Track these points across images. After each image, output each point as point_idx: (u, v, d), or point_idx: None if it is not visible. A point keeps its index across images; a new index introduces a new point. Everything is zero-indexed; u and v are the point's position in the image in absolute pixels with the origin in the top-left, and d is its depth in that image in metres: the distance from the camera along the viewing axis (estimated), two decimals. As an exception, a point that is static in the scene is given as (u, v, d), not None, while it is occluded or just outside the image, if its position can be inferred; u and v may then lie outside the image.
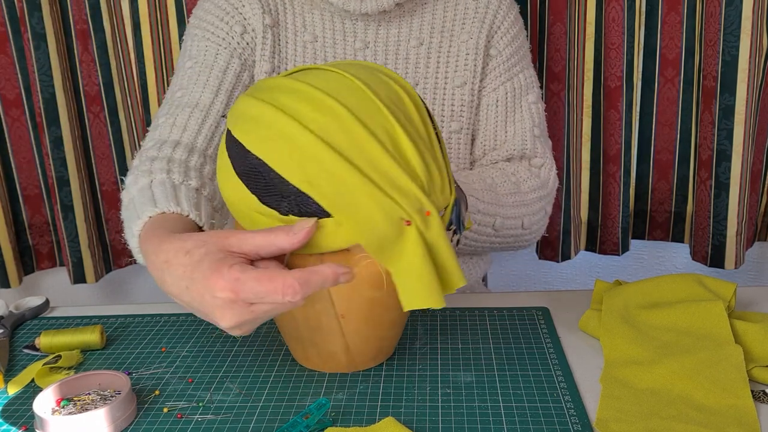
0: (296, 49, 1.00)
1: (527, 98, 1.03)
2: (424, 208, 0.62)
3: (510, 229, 0.95)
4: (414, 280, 0.61)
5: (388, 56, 1.00)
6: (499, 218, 0.92)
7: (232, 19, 0.99)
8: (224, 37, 0.99)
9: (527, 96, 1.03)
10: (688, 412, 0.63)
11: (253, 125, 0.63)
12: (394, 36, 1.01)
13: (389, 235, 0.61)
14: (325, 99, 0.62)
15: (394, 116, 0.63)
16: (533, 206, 0.97)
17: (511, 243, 0.97)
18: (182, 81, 0.97)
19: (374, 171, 0.61)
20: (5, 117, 1.47)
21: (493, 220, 0.91)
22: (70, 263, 1.51)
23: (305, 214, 0.61)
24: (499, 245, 0.97)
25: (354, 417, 0.66)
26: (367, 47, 1.00)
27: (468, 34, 1.01)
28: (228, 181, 0.66)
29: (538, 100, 1.05)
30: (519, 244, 0.99)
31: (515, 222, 0.95)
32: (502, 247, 0.97)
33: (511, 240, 0.97)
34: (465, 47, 1.01)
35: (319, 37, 1.00)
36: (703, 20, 1.34)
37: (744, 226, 1.40)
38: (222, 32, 0.99)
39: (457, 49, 1.01)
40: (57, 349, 0.80)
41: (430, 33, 1.01)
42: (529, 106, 1.03)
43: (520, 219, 0.95)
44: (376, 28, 1.00)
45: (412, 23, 1.01)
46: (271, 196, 0.62)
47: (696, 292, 0.79)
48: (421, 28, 1.01)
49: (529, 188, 0.97)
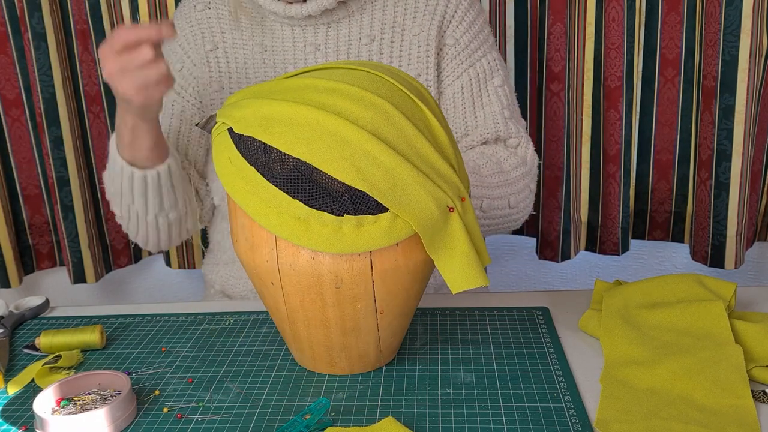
0: (246, 62, 1.02)
1: (493, 82, 1.02)
2: (461, 194, 0.65)
3: (497, 210, 0.95)
4: (461, 263, 0.64)
5: (339, 56, 1.00)
6: (486, 200, 0.92)
7: (173, 54, 1.05)
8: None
9: (492, 80, 1.02)
10: (688, 412, 0.63)
11: (288, 127, 0.62)
12: (344, 36, 1.01)
13: (440, 223, 0.64)
14: (369, 96, 0.62)
15: (428, 108, 0.65)
16: (517, 184, 0.97)
17: (500, 224, 0.98)
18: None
19: (422, 162, 0.63)
20: (5, 117, 1.47)
21: (480, 202, 0.92)
22: (70, 263, 1.51)
23: (361, 211, 0.61)
24: (488, 227, 0.97)
25: (354, 417, 0.66)
26: (318, 50, 1.00)
27: (419, 27, 1.01)
28: (253, 193, 0.63)
29: (505, 82, 1.04)
30: (507, 225, 0.99)
31: (502, 202, 0.95)
32: (491, 229, 0.97)
33: (499, 221, 0.97)
34: (417, 40, 1.00)
35: (268, 47, 1.01)
36: (703, 20, 1.34)
37: (744, 226, 1.40)
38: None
39: (409, 43, 1.01)
40: (57, 349, 0.80)
41: (381, 29, 1.01)
42: (495, 89, 1.02)
43: (506, 198, 0.95)
44: (326, 30, 1.00)
45: (362, 21, 1.01)
46: (320, 198, 0.61)
47: (696, 292, 0.79)
48: (371, 26, 1.01)
49: (511, 166, 0.97)
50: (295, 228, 0.62)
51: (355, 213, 0.61)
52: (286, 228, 0.62)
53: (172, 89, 0.94)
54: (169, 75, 0.79)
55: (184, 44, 1.04)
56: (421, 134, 0.63)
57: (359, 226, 0.62)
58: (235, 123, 0.65)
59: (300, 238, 0.62)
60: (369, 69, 0.66)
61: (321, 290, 0.65)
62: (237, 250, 0.70)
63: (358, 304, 0.66)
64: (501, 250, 1.69)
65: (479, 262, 0.65)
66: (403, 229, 0.63)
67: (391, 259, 0.65)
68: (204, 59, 1.03)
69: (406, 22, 1.01)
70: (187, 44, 1.04)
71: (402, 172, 0.61)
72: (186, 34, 1.04)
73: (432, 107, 0.67)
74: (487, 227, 0.97)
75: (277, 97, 0.64)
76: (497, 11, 1.44)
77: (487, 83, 1.02)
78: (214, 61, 1.02)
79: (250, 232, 0.67)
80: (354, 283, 0.65)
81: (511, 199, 0.96)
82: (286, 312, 0.69)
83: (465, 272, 0.64)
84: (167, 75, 0.79)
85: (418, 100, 0.65)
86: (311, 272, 0.64)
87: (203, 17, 1.03)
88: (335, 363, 0.72)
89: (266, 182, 0.62)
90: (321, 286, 0.65)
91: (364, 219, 0.62)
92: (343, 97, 0.62)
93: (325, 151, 0.61)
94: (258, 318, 0.87)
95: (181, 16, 1.07)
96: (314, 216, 0.62)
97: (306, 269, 0.64)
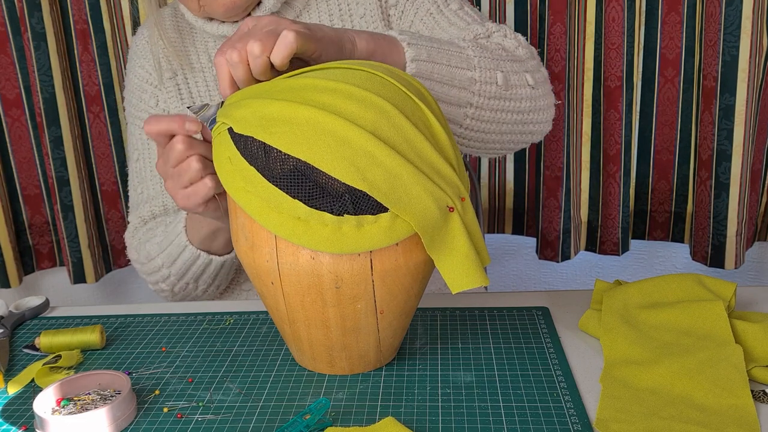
0: (207, 83, 1.03)
1: (450, 8, 0.98)
2: (461, 194, 0.65)
3: (519, 87, 0.86)
4: (461, 264, 0.64)
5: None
6: (500, 72, 0.85)
7: (144, 93, 1.05)
8: (145, 117, 1.05)
9: (448, 7, 0.98)
10: (688, 412, 0.63)
11: (288, 127, 0.61)
12: None
13: (440, 223, 0.63)
14: (369, 96, 0.62)
15: (428, 108, 0.65)
16: (528, 63, 0.89)
17: (525, 111, 0.88)
18: (140, 174, 1.06)
19: (423, 162, 0.63)
20: (5, 117, 1.47)
21: (495, 74, 0.84)
22: (70, 263, 1.51)
23: (361, 211, 0.61)
24: (511, 114, 0.87)
25: (354, 417, 0.66)
26: None
27: (363, 8, 1.01)
28: (253, 193, 0.63)
29: (462, 5, 0.99)
30: (537, 116, 0.89)
31: (519, 78, 0.87)
32: (515, 118, 0.87)
33: (525, 105, 0.87)
34: (364, 21, 1.00)
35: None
36: (703, 20, 1.34)
37: (744, 226, 1.40)
38: (145, 114, 1.05)
39: (359, 26, 1.01)
40: (57, 349, 0.80)
41: (330, 21, 1.01)
42: (455, 13, 0.98)
43: (523, 75, 0.87)
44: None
45: (311, 17, 1.01)
46: (320, 198, 0.61)
47: (696, 292, 0.79)
48: (320, 19, 1.01)
49: (513, 47, 0.90)
50: (295, 228, 0.62)
51: (355, 213, 0.61)
52: (286, 228, 0.62)
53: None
54: (205, 180, 0.76)
55: (149, 79, 1.05)
56: (421, 134, 0.63)
57: (359, 226, 0.62)
58: (235, 123, 0.65)
59: (300, 238, 0.62)
60: (369, 69, 0.66)
61: (321, 290, 0.65)
62: (237, 250, 0.70)
63: (358, 304, 0.66)
64: (501, 250, 1.69)
65: (479, 262, 0.65)
66: (403, 229, 0.63)
67: (391, 259, 0.65)
68: (171, 87, 1.04)
69: (350, 6, 1.01)
70: (152, 78, 1.05)
71: (402, 172, 0.61)
72: (147, 68, 1.05)
73: (432, 107, 0.67)
74: (511, 116, 0.87)
75: (277, 97, 0.63)
76: (497, 11, 1.44)
77: (445, 11, 0.98)
78: (175, 88, 1.04)
79: (250, 231, 0.67)
80: (354, 283, 0.65)
81: (528, 78, 0.87)
82: (286, 312, 0.69)
83: (465, 272, 0.64)
84: (200, 176, 0.76)
85: (418, 100, 0.65)
86: (311, 272, 0.64)
87: (155, 49, 1.03)
88: (335, 363, 0.72)
89: (266, 182, 0.62)
90: (321, 286, 0.65)
91: (364, 219, 0.62)
92: (343, 97, 0.62)
93: (325, 150, 0.60)
94: (258, 318, 0.87)
95: (135, 52, 1.08)
96: (314, 216, 0.61)
97: (306, 269, 0.64)
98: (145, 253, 1.00)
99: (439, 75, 0.80)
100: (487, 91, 0.84)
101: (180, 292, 1.00)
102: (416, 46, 0.79)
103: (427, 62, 0.79)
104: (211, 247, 0.94)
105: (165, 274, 0.98)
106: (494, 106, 0.85)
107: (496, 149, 0.91)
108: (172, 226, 0.96)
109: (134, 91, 1.07)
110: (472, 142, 0.87)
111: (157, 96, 1.05)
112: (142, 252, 1.00)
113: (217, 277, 0.99)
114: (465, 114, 0.83)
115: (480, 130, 0.86)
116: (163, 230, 0.99)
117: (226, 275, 1.00)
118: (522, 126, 0.89)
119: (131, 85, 1.07)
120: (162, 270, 0.98)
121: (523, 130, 0.90)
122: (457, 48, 0.83)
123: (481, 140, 0.88)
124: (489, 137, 0.88)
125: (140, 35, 1.08)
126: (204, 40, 1.04)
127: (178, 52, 1.03)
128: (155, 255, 0.98)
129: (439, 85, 0.80)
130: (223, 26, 1.00)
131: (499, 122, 0.87)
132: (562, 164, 1.43)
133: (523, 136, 0.91)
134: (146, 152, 1.05)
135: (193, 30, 1.05)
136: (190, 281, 0.98)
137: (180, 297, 1.02)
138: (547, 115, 0.92)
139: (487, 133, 0.87)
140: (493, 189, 1.58)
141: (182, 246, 0.93)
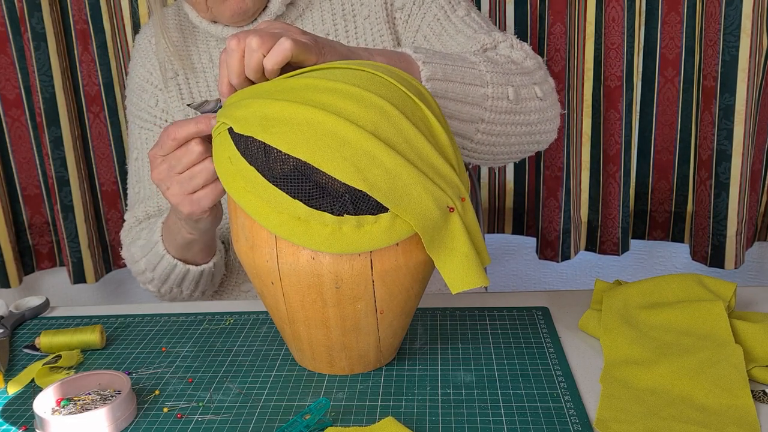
0: (207, 83, 1.04)
1: (456, 14, 0.98)
2: (462, 194, 0.65)
3: (528, 100, 0.86)
4: (461, 264, 0.64)
5: None
6: (511, 87, 0.84)
7: (144, 93, 1.06)
8: (147, 118, 1.05)
9: (455, 13, 0.98)
10: (688, 412, 0.63)
11: (288, 127, 0.61)
12: None
13: (440, 223, 0.63)
14: (370, 96, 0.62)
15: (428, 108, 0.65)
16: (536, 74, 0.89)
17: (534, 123, 0.88)
18: (137, 174, 1.07)
19: (423, 163, 0.63)
20: (5, 117, 1.47)
21: (506, 89, 0.84)
22: (70, 263, 1.51)
23: (361, 211, 0.61)
24: (521, 127, 0.87)
25: (354, 417, 0.66)
26: None
27: (368, 9, 1.01)
28: (253, 193, 0.63)
29: (469, 11, 0.99)
30: (544, 126, 0.90)
31: (529, 91, 0.87)
32: (524, 130, 0.87)
33: (533, 117, 0.87)
34: (368, 22, 1.00)
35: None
36: (703, 20, 1.34)
37: (744, 226, 1.40)
38: (145, 113, 1.06)
39: (362, 27, 1.00)
40: (57, 349, 0.80)
41: (333, 21, 1.01)
42: (462, 20, 0.98)
43: (532, 87, 0.87)
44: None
45: (314, 18, 1.01)
46: (320, 198, 0.61)
47: (696, 292, 0.79)
48: (323, 20, 1.01)
49: (521, 58, 0.90)
50: (295, 228, 0.62)
51: (355, 213, 0.61)
52: (286, 228, 0.62)
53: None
54: (217, 182, 0.76)
55: (150, 79, 1.05)
56: (421, 134, 0.63)
57: (359, 226, 0.62)
58: (235, 123, 0.65)
59: (300, 238, 0.62)
60: (369, 69, 0.66)
61: (321, 290, 0.65)
62: (237, 250, 0.70)
63: (358, 304, 0.66)
64: (501, 250, 1.69)
65: (479, 262, 0.65)
66: (403, 229, 0.62)
67: (391, 259, 0.65)
68: (171, 87, 1.04)
69: (354, 7, 1.01)
70: (153, 78, 1.05)
71: (402, 172, 0.61)
72: (149, 68, 1.05)
73: (432, 107, 0.67)
74: (520, 128, 0.87)
75: (278, 97, 0.63)
76: (497, 11, 1.44)
77: (452, 18, 0.98)
78: (177, 88, 1.04)
79: (250, 232, 0.67)
80: (354, 283, 0.65)
81: (537, 90, 0.88)
82: (286, 312, 0.69)
83: (465, 272, 0.64)
84: (214, 178, 0.75)
85: (418, 100, 0.65)
86: (311, 272, 0.64)
87: (158, 48, 1.03)
88: (335, 363, 0.72)
89: (266, 182, 0.62)
90: (321, 286, 0.65)
91: (364, 219, 0.62)
92: (343, 97, 0.62)
93: (326, 151, 0.60)
94: (258, 318, 0.87)
95: (138, 51, 1.08)
96: (314, 216, 0.61)
97: (306, 269, 0.64)
98: (130, 254, 1.01)
99: (453, 93, 0.80)
100: (499, 106, 0.84)
101: (166, 294, 1.01)
102: (432, 64, 0.78)
103: (442, 81, 0.78)
104: (188, 257, 0.94)
105: (149, 278, 0.99)
106: (504, 120, 0.85)
107: (503, 160, 0.92)
108: (152, 233, 0.96)
109: (135, 90, 1.07)
110: (480, 155, 0.88)
111: (157, 96, 1.05)
112: (130, 253, 1.02)
113: (199, 284, 0.99)
114: (476, 129, 0.83)
115: (489, 143, 0.86)
116: (146, 234, 0.99)
117: (209, 282, 1.01)
118: (529, 137, 0.90)
119: (132, 84, 1.08)
120: (146, 273, 0.98)
121: (531, 140, 0.90)
122: (470, 64, 0.83)
123: (490, 153, 0.88)
124: (497, 149, 0.88)
125: (144, 34, 1.08)
126: (206, 41, 1.04)
127: (180, 53, 1.03)
128: (139, 258, 0.98)
129: (453, 103, 0.80)
130: (227, 29, 1.00)
131: (508, 135, 0.87)
132: (562, 164, 1.43)
133: (530, 146, 0.91)
134: (145, 152, 1.06)
135: (195, 30, 1.05)
136: (173, 286, 0.98)
137: (168, 299, 1.02)
138: (554, 125, 0.92)
139: (496, 146, 0.87)
140: (493, 189, 1.58)
141: (160, 255, 0.94)
